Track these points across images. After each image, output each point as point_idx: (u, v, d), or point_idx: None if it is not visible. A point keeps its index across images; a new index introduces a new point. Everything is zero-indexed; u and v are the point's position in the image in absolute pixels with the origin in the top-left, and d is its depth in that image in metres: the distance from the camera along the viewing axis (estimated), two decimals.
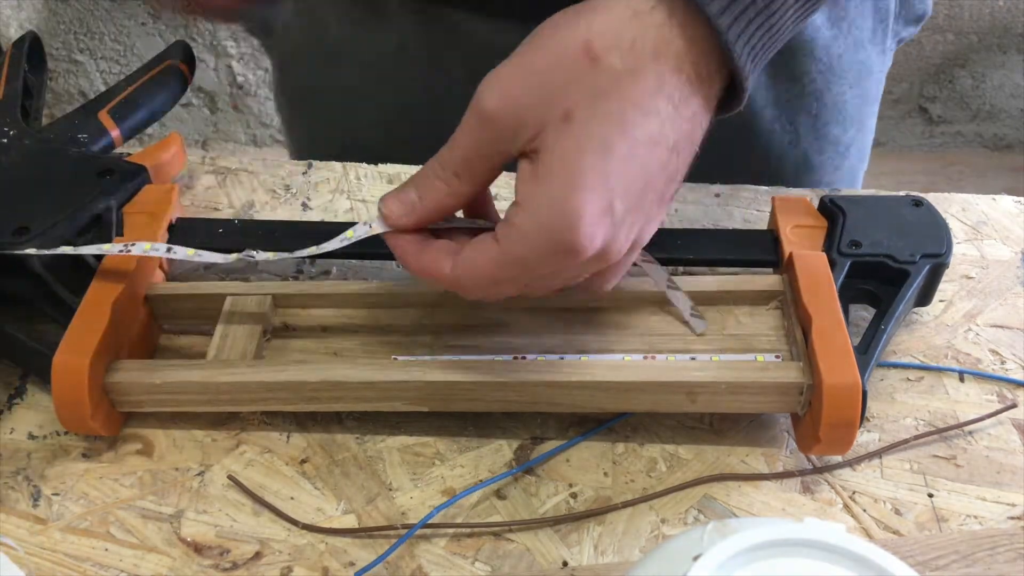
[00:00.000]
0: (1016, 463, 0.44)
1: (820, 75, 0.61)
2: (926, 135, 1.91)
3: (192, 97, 1.84)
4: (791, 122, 0.62)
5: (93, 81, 1.83)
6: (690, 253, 0.50)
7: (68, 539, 0.41)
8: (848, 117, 0.64)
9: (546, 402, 0.43)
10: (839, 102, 0.63)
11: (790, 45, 0.58)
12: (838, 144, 0.65)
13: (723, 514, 0.42)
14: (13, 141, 0.53)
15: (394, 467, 0.44)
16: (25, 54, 0.60)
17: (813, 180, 0.66)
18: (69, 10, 1.73)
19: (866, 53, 0.63)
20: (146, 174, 0.52)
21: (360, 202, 0.57)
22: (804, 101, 0.62)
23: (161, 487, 0.43)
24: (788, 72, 0.60)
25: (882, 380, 0.48)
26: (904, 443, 0.45)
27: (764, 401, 0.43)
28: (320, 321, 0.48)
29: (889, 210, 0.49)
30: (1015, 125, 1.89)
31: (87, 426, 0.43)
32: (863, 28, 0.62)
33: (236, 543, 0.41)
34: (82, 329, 0.43)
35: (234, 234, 0.51)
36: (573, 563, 0.41)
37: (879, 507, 0.42)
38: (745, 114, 0.60)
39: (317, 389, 0.43)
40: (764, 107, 0.61)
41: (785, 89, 0.61)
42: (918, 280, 0.46)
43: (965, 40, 1.78)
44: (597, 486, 0.43)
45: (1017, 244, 0.54)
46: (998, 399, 0.47)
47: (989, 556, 0.41)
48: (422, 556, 0.41)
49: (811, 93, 0.61)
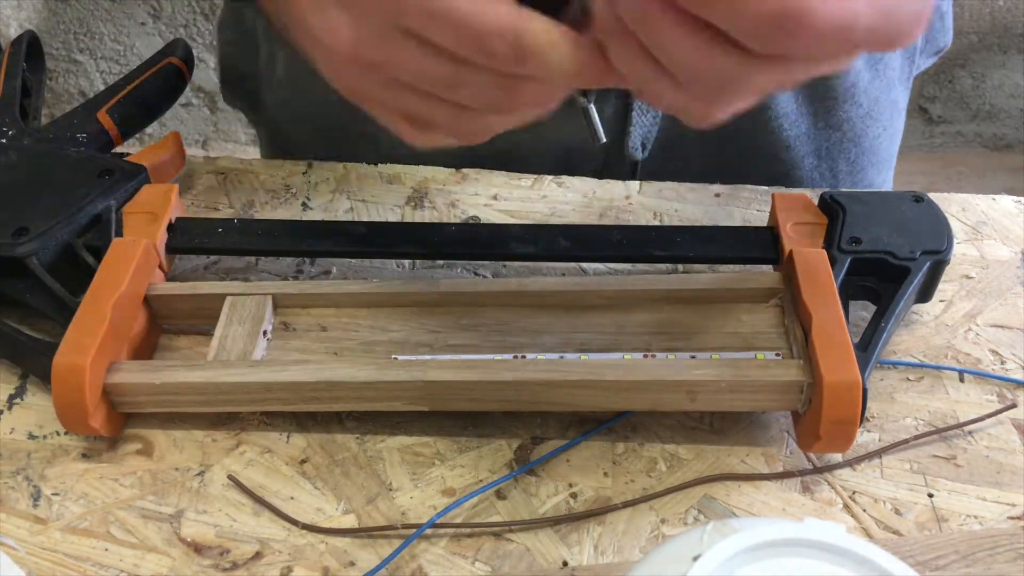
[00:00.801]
0: (1016, 463, 0.44)
1: (860, 120, 0.61)
2: (926, 135, 1.90)
3: (192, 97, 1.84)
4: (831, 169, 0.62)
5: (93, 81, 1.83)
6: (690, 251, 0.50)
7: (68, 539, 0.41)
8: (881, 160, 0.64)
9: (546, 401, 0.43)
10: (875, 145, 0.63)
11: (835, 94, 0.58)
12: (872, 186, 0.65)
13: (723, 514, 0.42)
14: (12, 141, 0.53)
15: (394, 467, 0.44)
16: (23, 53, 0.60)
17: None
18: (69, 10, 1.73)
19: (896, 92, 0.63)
20: (146, 174, 0.52)
21: (360, 202, 0.57)
22: (844, 147, 0.61)
23: (161, 487, 0.43)
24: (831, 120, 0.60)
25: (882, 380, 0.48)
26: (904, 443, 0.44)
27: (764, 399, 0.43)
28: (320, 321, 0.48)
29: (889, 206, 0.49)
30: (1015, 125, 1.89)
31: (87, 426, 0.43)
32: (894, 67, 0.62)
33: (236, 543, 0.41)
34: (82, 329, 0.43)
35: (234, 234, 0.51)
36: (573, 563, 0.41)
37: (879, 507, 0.42)
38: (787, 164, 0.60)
39: (317, 389, 0.43)
40: (805, 156, 0.60)
41: (826, 137, 0.60)
42: (919, 277, 0.46)
43: (965, 40, 1.78)
44: (597, 486, 0.43)
45: (1017, 244, 0.54)
46: (998, 399, 0.47)
47: (989, 556, 0.40)
48: (422, 556, 0.41)
49: (850, 139, 0.61)
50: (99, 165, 0.51)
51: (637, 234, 0.50)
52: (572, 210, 0.57)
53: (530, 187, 0.58)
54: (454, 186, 0.58)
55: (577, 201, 0.57)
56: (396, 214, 0.57)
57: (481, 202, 0.57)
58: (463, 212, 0.57)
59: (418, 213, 0.57)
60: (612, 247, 0.50)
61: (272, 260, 0.54)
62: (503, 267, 0.54)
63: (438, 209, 0.57)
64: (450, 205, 0.57)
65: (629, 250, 0.50)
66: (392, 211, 0.57)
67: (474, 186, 0.58)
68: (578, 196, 0.58)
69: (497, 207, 0.57)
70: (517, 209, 0.57)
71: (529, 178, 0.59)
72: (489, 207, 0.57)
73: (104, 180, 0.50)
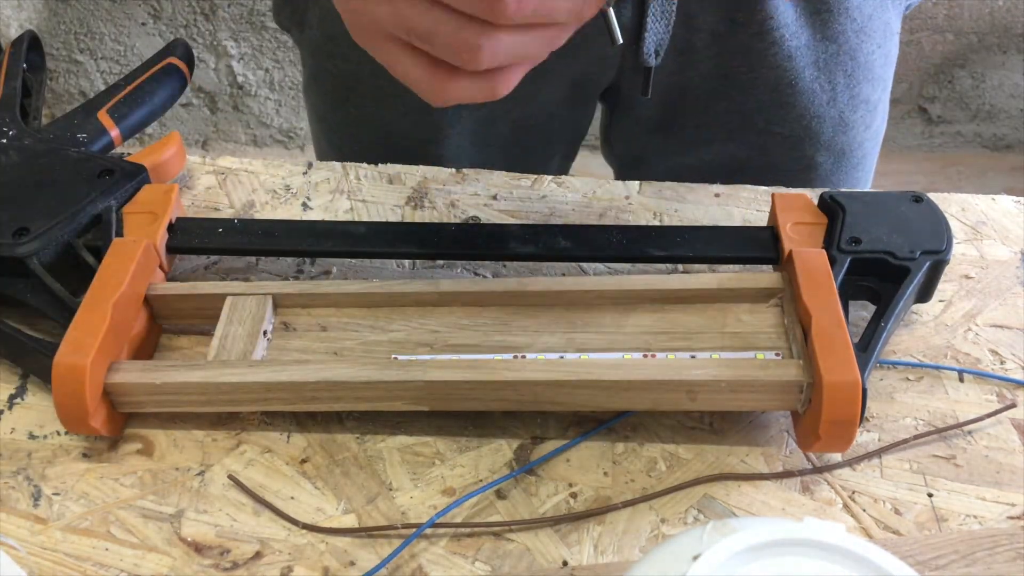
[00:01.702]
0: (1016, 463, 0.44)
1: (854, 34, 0.63)
2: (926, 135, 1.91)
3: (192, 97, 1.84)
4: (829, 81, 0.64)
5: (93, 81, 1.83)
6: (690, 251, 0.50)
7: (68, 539, 0.41)
8: (876, 76, 0.67)
9: (546, 401, 0.43)
10: (869, 61, 0.65)
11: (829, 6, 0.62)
12: (868, 102, 0.68)
13: (723, 514, 0.42)
14: (12, 141, 0.53)
15: (394, 467, 0.44)
16: (24, 53, 0.60)
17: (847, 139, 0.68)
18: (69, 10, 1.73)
19: (889, 14, 0.66)
20: (146, 174, 0.52)
21: (360, 202, 0.58)
22: (840, 60, 0.64)
23: (161, 487, 0.43)
24: (827, 32, 0.62)
25: (881, 380, 0.48)
26: (904, 443, 0.45)
27: (764, 399, 0.43)
28: (320, 321, 0.48)
29: (889, 206, 0.49)
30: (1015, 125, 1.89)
31: (87, 426, 0.43)
32: None
33: (236, 543, 0.41)
34: (82, 329, 0.43)
35: (234, 234, 0.51)
36: (573, 563, 0.41)
37: (879, 507, 0.42)
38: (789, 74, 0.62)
39: (317, 389, 0.43)
40: (805, 67, 0.63)
41: (823, 49, 0.63)
42: (918, 277, 0.46)
43: (965, 40, 1.78)
44: (597, 486, 0.43)
45: (1016, 244, 0.54)
46: (997, 399, 0.47)
47: (989, 556, 0.41)
48: (422, 556, 0.41)
49: (846, 52, 0.64)
50: (99, 165, 0.51)
51: (637, 234, 0.50)
52: (572, 210, 0.57)
53: (530, 187, 0.58)
54: (454, 186, 0.58)
55: (577, 201, 0.57)
56: (396, 214, 0.57)
57: (481, 202, 0.57)
58: (463, 212, 0.57)
59: (418, 213, 0.57)
60: (612, 247, 0.50)
61: (272, 260, 0.54)
62: (503, 267, 0.54)
63: (438, 209, 0.57)
64: (450, 205, 0.57)
65: (629, 250, 0.50)
66: (392, 211, 0.57)
67: (474, 186, 0.58)
68: (578, 196, 0.58)
69: (497, 207, 0.57)
70: (517, 209, 0.57)
71: (529, 178, 0.59)
72: (489, 207, 0.57)
73: (104, 180, 0.50)
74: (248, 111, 1.87)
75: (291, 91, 1.85)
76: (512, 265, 0.54)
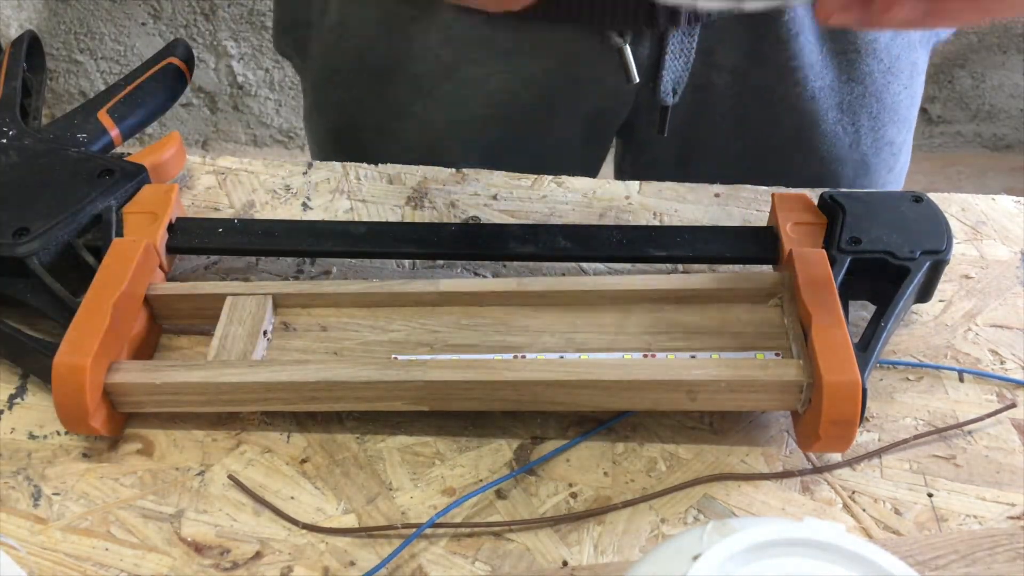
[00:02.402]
0: (1015, 463, 0.44)
1: (881, 75, 0.62)
2: (926, 135, 1.91)
3: (192, 97, 1.84)
4: (853, 124, 0.63)
5: (93, 81, 1.83)
6: (689, 250, 0.50)
7: (68, 539, 0.41)
8: (901, 118, 0.65)
9: (546, 401, 0.43)
10: (895, 102, 0.64)
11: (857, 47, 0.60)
12: (893, 144, 0.66)
13: (723, 514, 0.42)
14: (12, 141, 0.53)
15: (394, 467, 0.44)
16: (24, 53, 0.60)
17: (869, 182, 0.66)
18: (69, 10, 1.73)
19: (916, 54, 0.64)
20: (146, 174, 0.52)
21: (360, 202, 0.58)
22: (866, 101, 0.63)
23: (161, 487, 0.43)
24: (853, 73, 0.61)
25: (881, 380, 0.48)
26: (903, 443, 0.45)
27: (764, 399, 0.43)
28: (320, 321, 0.48)
29: (889, 206, 0.49)
30: (1015, 125, 1.89)
31: (87, 426, 0.43)
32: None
33: (236, 543, 0.41)
34: (82, 329, 0.43)
35: (234, 234, 0.51)
36: (573, 563, 0.41)
37: (879, 507, 0.42)
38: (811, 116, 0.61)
39: (317, 389, 0.43)
40: (828, 109, 0.62)
41: (849, 91, 0.62)
42: (918, 277, 0.46)
43: (965, 40, 1.78)
44: (597, 486, 0.43)
45: (1016, 244, 0.54)
46: (997, 399, 0.47)
47: (989, 556, 0.41)
48: (422, 556, 0.41)
49: (872, 93, 0.62)
50: (99, 165, 0.51)
51: (637, 234, 0.50)
52: (572, 210, 0.57)
53: (530, 187, 0.58)
54: (454, 186, 0.58)
55: (577, 201, 0.57)
56: (396, 214, 0.57)
57: (481, 202, 0.57)
58: (463, 212, 0.57)
59: (418, 213, 0.57)
60: (612, 247, 0.50)
61: (272, 260, 0.54)
62: (503, 267, 0.54)
63: (438, 209, 0.57)
64: (450, 205, 0.57)
65: (629, 250, 0.50)
66: (392, 211, 0.57)
67: (474, 186, 0.58)
68: (578, 196, 0.58)
69: (497, 207, 0.57)
70: (517, 209, 0.57)
71: (529, 178, 0.59)
72: (489, 207, 0.57)
73: (104, 180, 0.50)
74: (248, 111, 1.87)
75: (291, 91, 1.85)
76: (512, 265, 0.54)
